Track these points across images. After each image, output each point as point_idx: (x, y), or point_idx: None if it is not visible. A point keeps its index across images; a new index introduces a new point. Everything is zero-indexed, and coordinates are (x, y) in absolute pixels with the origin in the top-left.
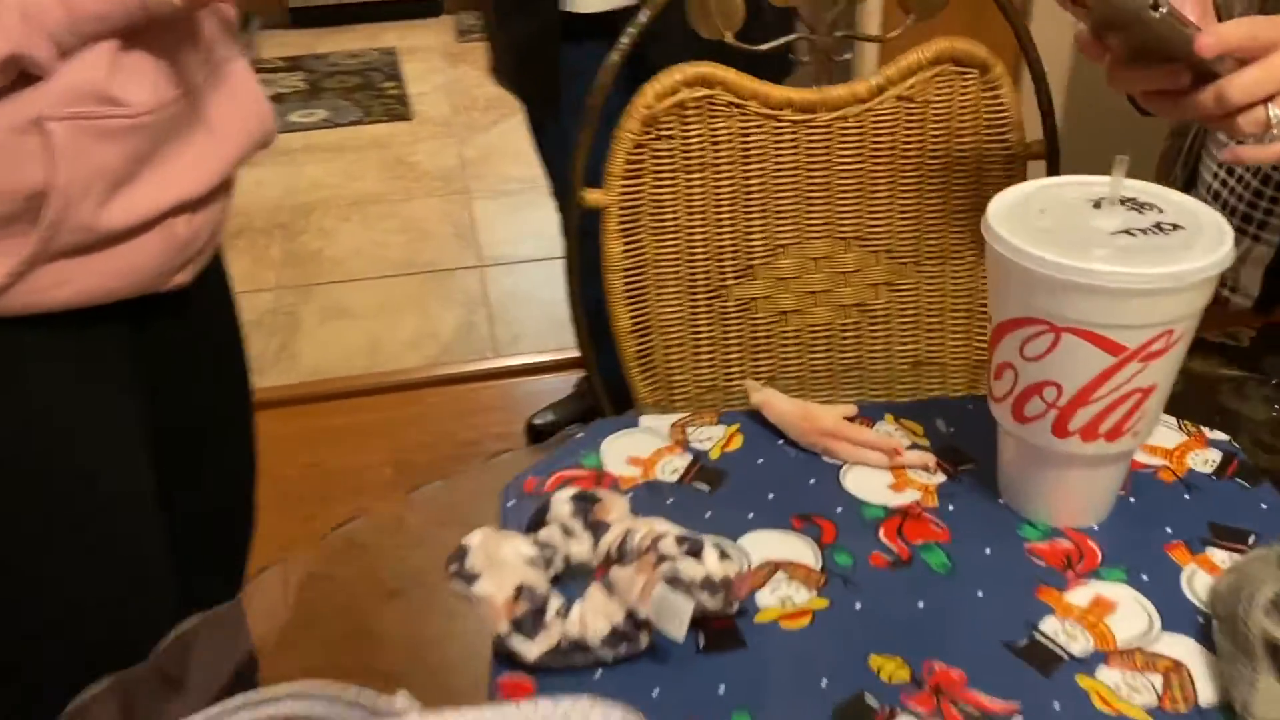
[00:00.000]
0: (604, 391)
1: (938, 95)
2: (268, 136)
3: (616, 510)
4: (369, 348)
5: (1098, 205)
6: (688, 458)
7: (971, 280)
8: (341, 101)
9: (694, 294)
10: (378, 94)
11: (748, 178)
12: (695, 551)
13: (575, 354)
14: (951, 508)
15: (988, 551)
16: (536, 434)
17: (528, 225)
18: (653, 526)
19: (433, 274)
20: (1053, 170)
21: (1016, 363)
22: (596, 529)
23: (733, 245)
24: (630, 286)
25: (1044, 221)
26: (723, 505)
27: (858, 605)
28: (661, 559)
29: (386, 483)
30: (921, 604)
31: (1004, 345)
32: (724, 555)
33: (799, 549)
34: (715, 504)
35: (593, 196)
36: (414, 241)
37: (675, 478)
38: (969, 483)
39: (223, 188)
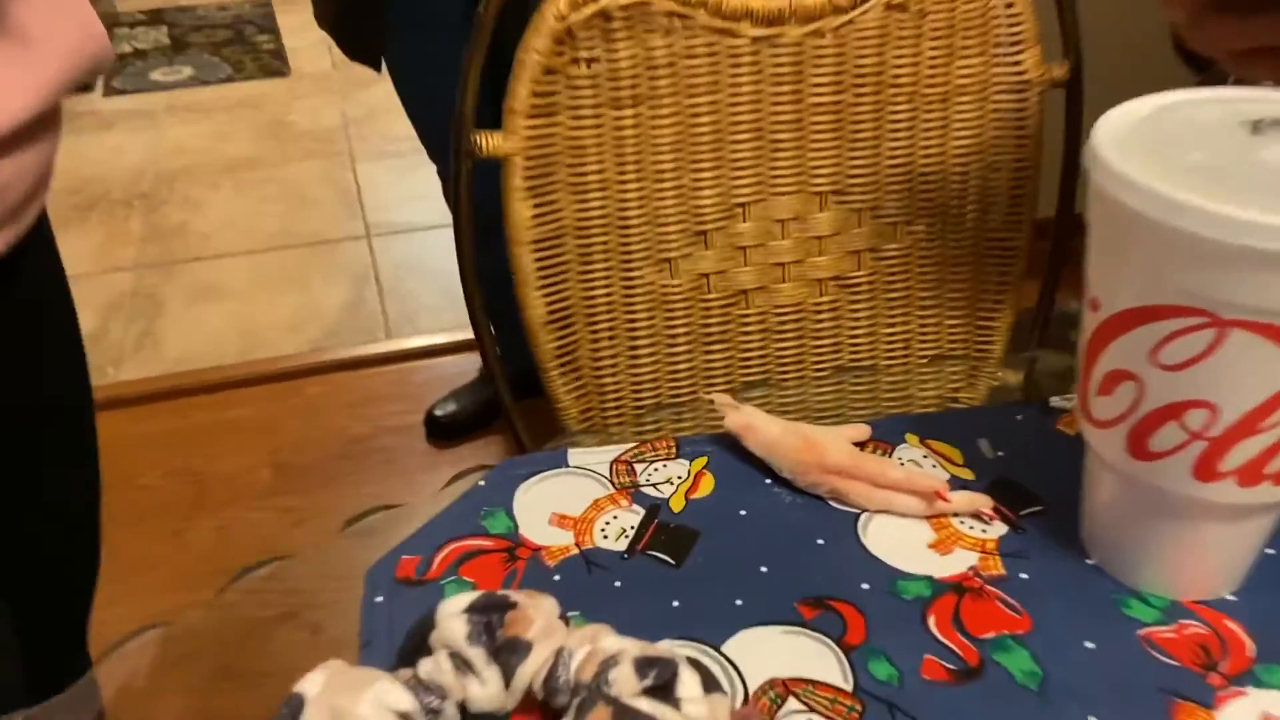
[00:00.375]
0: (507, 387)
1: (937, 3)
2: (101, 56)
3: (540, 619)
4: (243, 333)
5: (1257, 129)
6: (638, 512)
7: (976, 246)
8: (209, 57)
9: (628, 270)
10: (250, 48)
11: (694, 114)
12: (665, 683)
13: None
14: (1024, 576)
15: (1089, 646)
16: (438, 427)
17: (420, 188)
18: (597, 642)
19: (315, 246)
20: (1074, 105)
21: (1143, 372)
22: (509, 654)
23: (676, 204)
24: (544, 263)
25: (1193, 155)
26: (696, 587)
27: None
28: (615, 704)
29: (265, 488)
30: None
31: (1119, 347)
32: (709, 683)
33: (815, 657)
34: (684, 586)
35: (489, 142)
36: (292, 210)
37: (624, 545)
38: (1039, 534)
39: (44, 125)
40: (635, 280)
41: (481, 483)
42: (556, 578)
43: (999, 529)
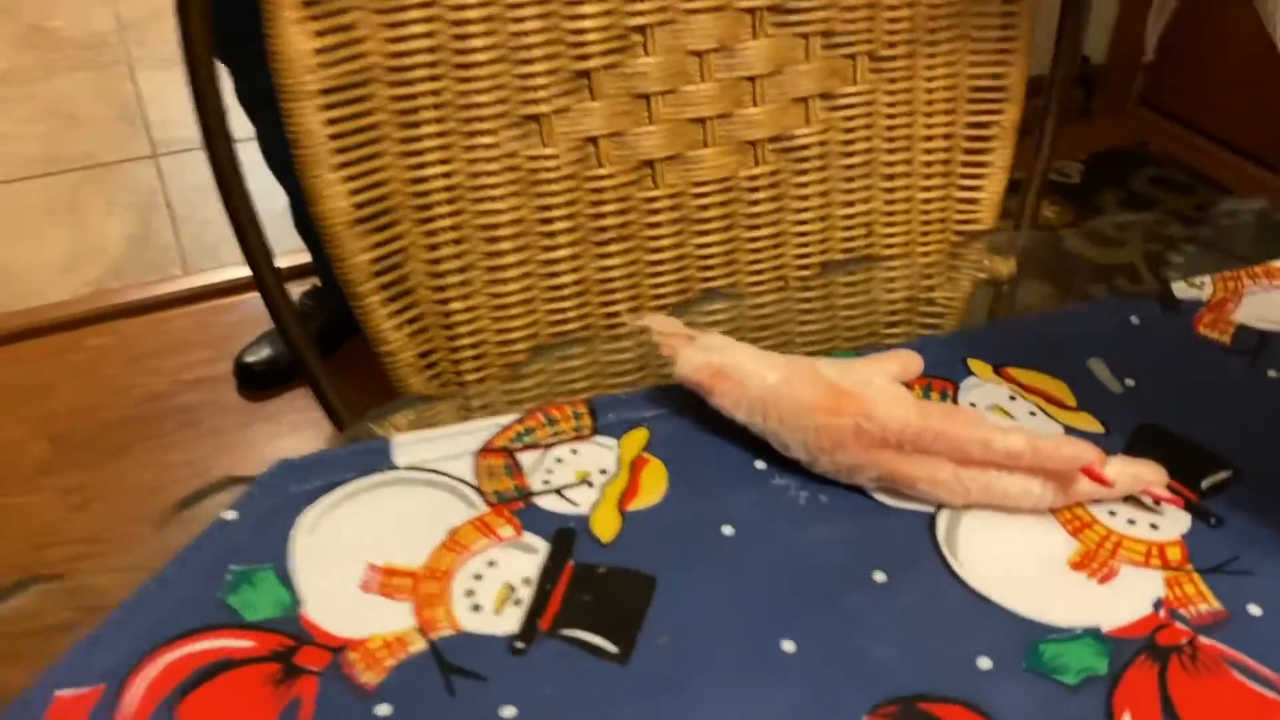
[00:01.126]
0: (304, 335)
1: None
2: None
3: None
4: (2, 278)
5: None
6: (535, 549)
7: (956, 86)
8: None
9: (474, 136)
10: None
11: None
12: None
13: (297, 260)
14: (1255, 610)
15: None
16: (252, 376)
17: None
18: None
19: (89, 170)
20: None
21: None
22: None
23: (543, 30)
24: (344, 127)
25: None
26: (663, 700)
27: None
28: None
29: (38, 465)
30: None
31: None
32: None
33: None
34: (642, 700)
35: None
36: (60, 131)
37: (515, 620)
38: (1245, 521)
39: None
40: (487, 151)
41: (229, 515)
42: (384, 710)
43: (1178, 519)
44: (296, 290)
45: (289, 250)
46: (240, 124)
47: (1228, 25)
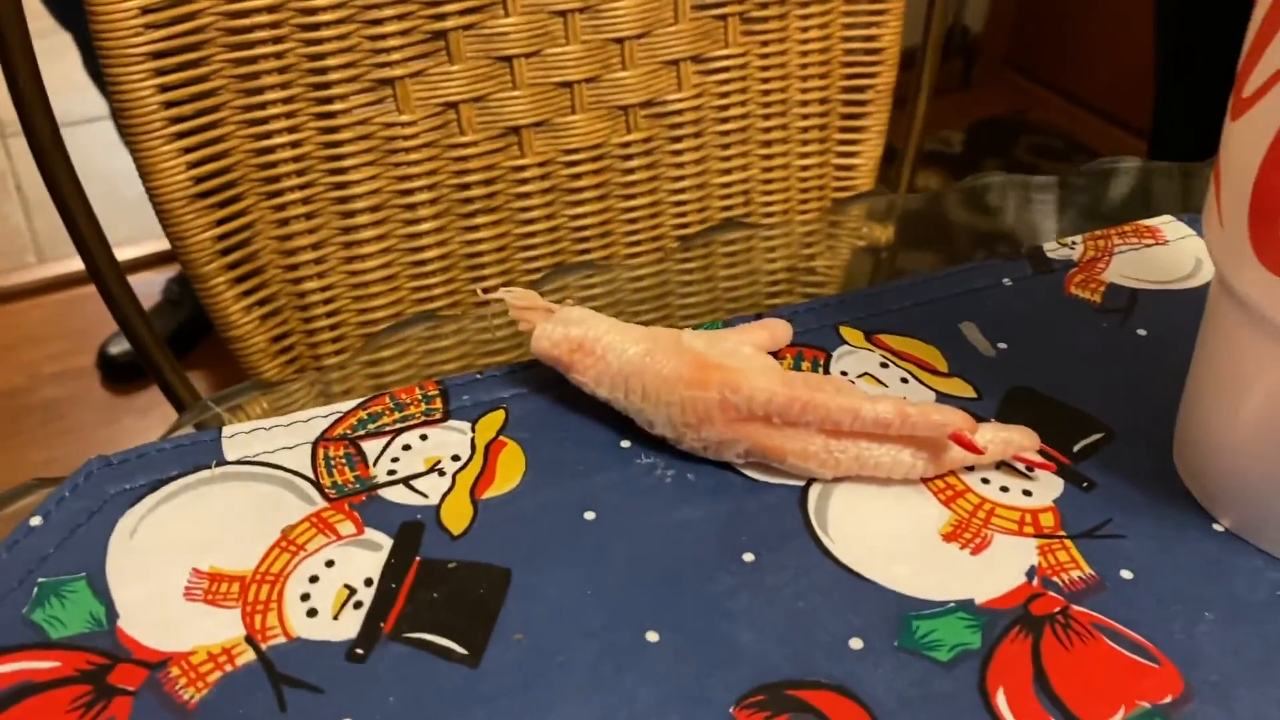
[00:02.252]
0: (145, 326)
1: None
2: None
3: None
4: None
5: None
6: (378, 546)
7: (831, 46)
8: None
9: (324, 100)
10: None
11: None
12: None
13: (161, 245)
14: (1127, 574)
15: None
16: (117, 368)
17: (74, 74)
18: None
19: None
20: None
21: None
22: None
23: None
24: (177, 91)
25: None
26: (517, 705)
27: None
28: None
29: None
30: None
31: None
32: None
33: None
34: (494, 704)
35: None
36: None
37: (354, 624)
38: (1119, 484)
39: None
40: (338, 117)
41: (35, 520)
42: None
43: (1051, 484)
44: (163, 276)
45: (158, 234)
46: (95, 100)
47: None
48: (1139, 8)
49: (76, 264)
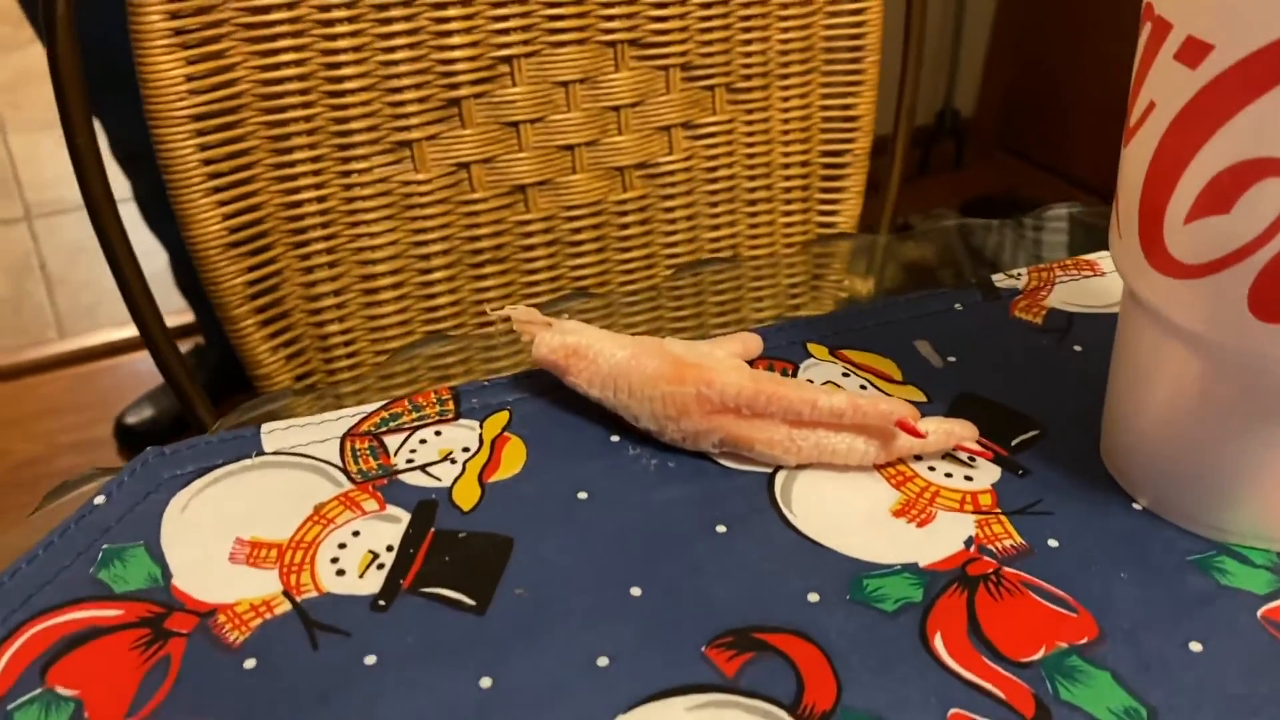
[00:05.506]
0: (191, 387)
1: None
2: None
3: None
4: None
5: None
6: (398, 519)
7: (811, 116)
8: None
9: (348, 160)
10: None
11: None
12: None
13: (179, 319)
14: (1054, 543)
15: (1195, 649)
16: (133, 438)
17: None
18: None
19: None
20: None
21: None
22: None
23: (412, 58)
24: (216, 152)
25: None
26: (518, 647)
27: None
28: None
29: None
30: None
31: (1250, 120)
32: None
33: None
34: (497, 646)
35: None
36: None
37: (376, 582)
38: (1050, 472)
39: None
40: (361, 175)
41: (99, 499)
42: (250, 664)
43: (989, 471)
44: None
45: (170, 310)
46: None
47: (1085, 76)
48: (1125, 87)
49: (95, 339)
